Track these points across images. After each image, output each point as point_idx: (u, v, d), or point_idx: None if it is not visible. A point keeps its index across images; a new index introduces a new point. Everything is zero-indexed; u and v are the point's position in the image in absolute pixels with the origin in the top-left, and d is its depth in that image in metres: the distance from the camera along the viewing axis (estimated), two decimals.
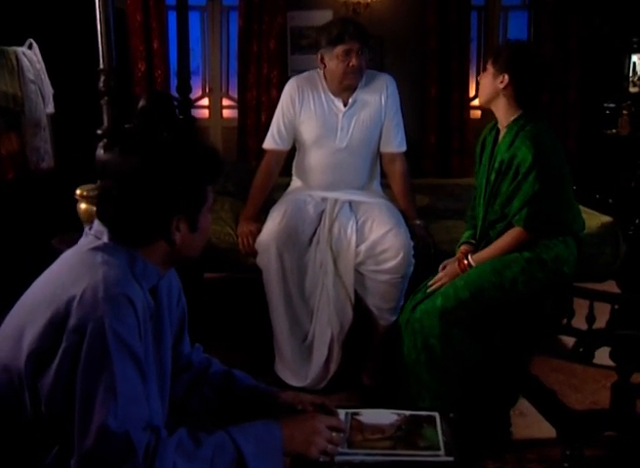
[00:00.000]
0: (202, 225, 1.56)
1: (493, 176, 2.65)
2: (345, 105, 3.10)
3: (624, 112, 5.47)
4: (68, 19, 4.99)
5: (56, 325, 1.36)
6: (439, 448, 1.64)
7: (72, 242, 2.95)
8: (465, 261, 2.69)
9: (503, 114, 2.66)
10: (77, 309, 1.35)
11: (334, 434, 1.58)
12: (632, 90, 5.59)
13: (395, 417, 1.77)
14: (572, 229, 2.65)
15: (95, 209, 2.95)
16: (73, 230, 3.21)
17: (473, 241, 2.80)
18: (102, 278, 1.39)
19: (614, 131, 5.59)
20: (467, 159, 6.05)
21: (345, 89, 3.08)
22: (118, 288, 1.39)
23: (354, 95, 3.10)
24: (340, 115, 3.10)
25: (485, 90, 2.69)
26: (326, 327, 3.03)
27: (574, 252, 2.63)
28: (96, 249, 1.48)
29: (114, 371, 1.33)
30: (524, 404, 2.80)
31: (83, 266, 1.44)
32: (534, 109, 2.64)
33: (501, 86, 2.63)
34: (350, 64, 2.98)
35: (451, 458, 1.63)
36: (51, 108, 4.72)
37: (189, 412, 1.74)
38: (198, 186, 1.52)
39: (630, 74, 5.63)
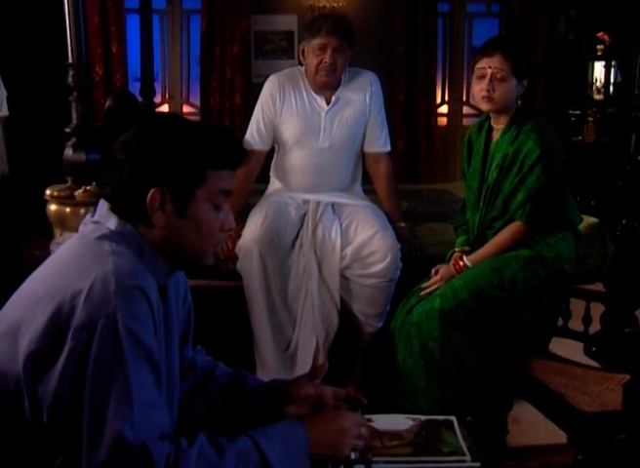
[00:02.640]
0: (195, 213, 1.36)
1: (495, 173, 2.58)
2: (328, 104, 3.00)
3: (590, 119, 5.54)
4: (21, 19, 4.81)
5: (59, 322, 1.20)
6: (464, 454, 1.57)
7: (44, 246, 2.82)
8: (461, 262, 2.61)
9: (508, 112, 2.59)
10: (85, 304, 1.20)
11: (362, 429, 1.46)
12: (597, 97, 5.68)
13: (411, 423, 1.69)
14: (572, 223, 2.62)
15: (67, 209, 2.88)
16: (41, 234, 3.06)
17: (467, 247, 2.71)
18: (113, 269, 1.24)
19: (580, 138, 5.66)
20: (435, 165, 6.06)
21: (319, 86, 2.97)
22: (132, 279, 1.24)
23: (337, 92, 3.00)
24: (323, 114, 2.99)
25: (509, 98, 2.55)
26: (310, 334, 2.90)
27: (573, 249, 2.59)
28: (103, 237, 1.32)
29: (129, 374, 1.19)
30: (516, 410, 2.75)
31: (90, 256, 1.29)
32: (530, 103, 2.60)
33: (523, 91, 2.58)
34: (323, 61, 2.87)
35: (478, 464, 1.56)
36: (5, 111, 4.50)
37: (194, 417, 1.59)
38: (192, 162, 1.35)
39: (595, 81, 5.71)
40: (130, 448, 1.16)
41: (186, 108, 6.33)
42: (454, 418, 1.72)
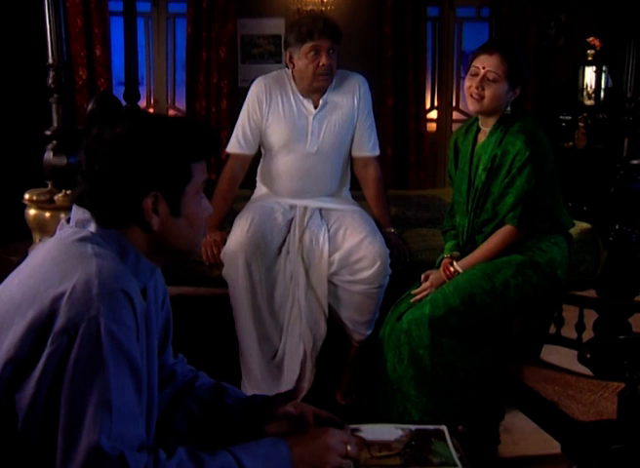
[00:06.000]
0: (188, 210, 1.37)
1: (483, 176, 2.52)
2: (316, 107, 2.94)
3: (580, 125, 5.52)
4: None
5: (40, 327, 1.16)
6: (455, 465, 1.52)
7: (22, 251, 2.73)
8: (452, 268, 2.56)
9: (497, 115, 2.54)
10: (67, 307, 1.16)
11: (348, 448, 1.43)
12: (587, 102, 5.65)
13: (400, 433, 1.63)
14: (564, 226, 2.57)
15: (46, 214, 2.81)
16: (19, 239, 2.98)
17: (457, 253, 2.65)
18: (97, 271, 1.20)
19: (570, 143, 5.63)
20: (424, 171, 6.03)
21: (316, 90, 2.91)
22: (116, 282, 1.20)
23: (325, 96, 2.94)
24: (311, 118, 2.93)
25: (497, 101, 2.50)
26: (298, 342, 2.84)
27: (566, 255, 2.54)
28: (84, 239, 1.28)
29: (109, 381, 1.14)
30: (508, 420, 2.71)
31: (71, 259, 1.24)
32: (519, 104, 2.56)
33: (513, 98, 2.53)
34: (320, 64, 2.81)
35: None
36: None
37: (172, 429, 1.54)
38: (178, 160, 1.33)
39: (585, 87, 5.69)
40: (106, 459, 1.12)
41: (172, 113, 6.23)
42: (444, 428, 1.66)
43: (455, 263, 2.57)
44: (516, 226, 2.47)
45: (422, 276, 2.66)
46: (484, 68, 2.47)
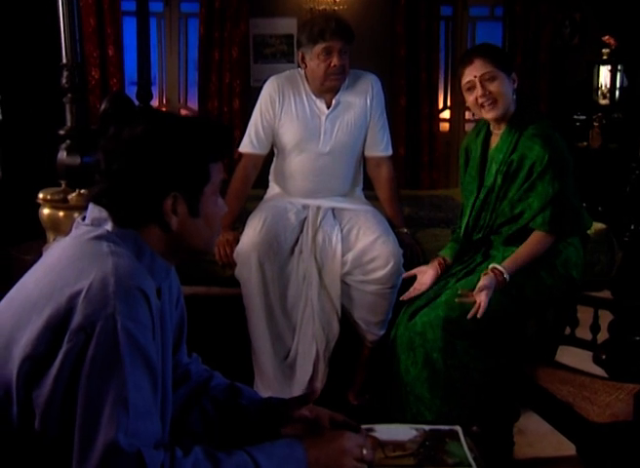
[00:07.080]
0: (206, 210, 1.39)
1: (499, 179, 2.49)
2: (329, 107, 2.93)
3: (595, 124, 5.47)
4: (14, 20, 4.76)
5: (56, 324, 1.16)
6: (470, 465, 1.52)
7: (37, 250, 2.75)
8: (504, 276, 2.39)
9: (507, 114, 2.52)
10: (83, 305, 1.16)
11: (364, 452, 1.42)
12: (602, 102, 5.60)
13: (414, 433, 1.64)
14: (585, 226, 2.55)
15: (60, 213, 2.82)
16: (33, 238, 3.00)
17: (449, 258, 2.64)
18: (113, 269, 1.21)
19: (585, 143, 5.58)
20: (437, 171, 6.01)
21: (328, 90, 2.91)
22: (132, 280, 1.21)
23: (338, 96, 2.93)
24: (323, 118, 2.92)
25: (507, 94, 2.48)
26: (310, 342, 2.84)
27: (581, 255, 2.52)
28: (100, 237, 1.29)
29: (126, 378, 1.15)
30: (522, 421, 2.68)
31: (87, 257, 1.25)
32: (532, 104, 2.55)
33: (516, 85, 2.51)
34: (332, 64, 2.80)
35: None
36: None
37: (187, 431, 1.54)
38: (198, 161, 1.35)
39: (600, 86, 5.64)
40: (123, 456, 1.12)
41: (184, 112, 6.26)
42: (459, 428, 1.67)
43: (504, 272, 2.40)
44: (547, 231, 2.43)
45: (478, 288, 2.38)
46: (476, 77, 2.46)
